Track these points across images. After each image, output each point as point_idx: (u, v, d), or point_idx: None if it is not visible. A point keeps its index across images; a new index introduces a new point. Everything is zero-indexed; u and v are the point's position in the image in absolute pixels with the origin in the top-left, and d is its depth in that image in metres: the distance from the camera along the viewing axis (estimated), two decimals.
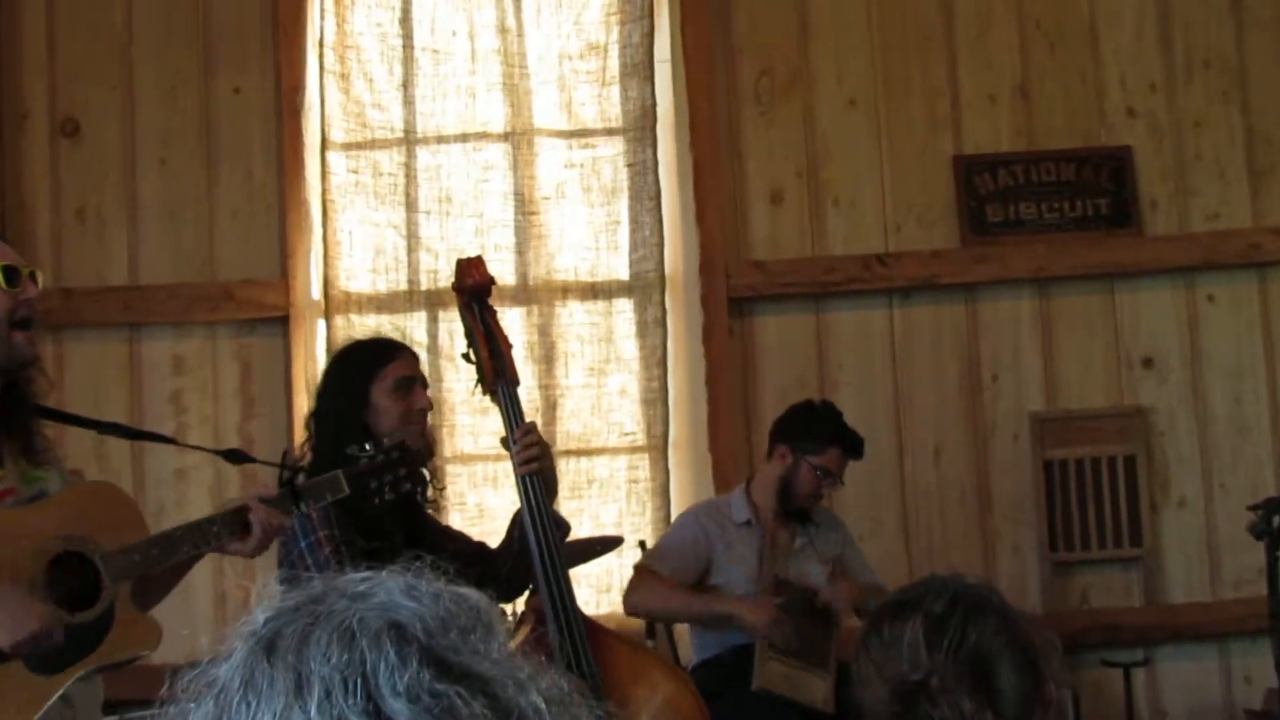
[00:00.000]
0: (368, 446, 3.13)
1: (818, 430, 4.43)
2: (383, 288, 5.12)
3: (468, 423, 5.09)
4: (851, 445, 4.44)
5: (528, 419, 3.59)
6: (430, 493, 3.54)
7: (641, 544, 4.71)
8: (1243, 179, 5.35)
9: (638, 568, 4.40)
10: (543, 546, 3.45)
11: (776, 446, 4.48)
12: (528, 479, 3.48)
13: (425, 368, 3.89)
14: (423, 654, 0.97)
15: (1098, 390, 5.27)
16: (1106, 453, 5.16)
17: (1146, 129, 5.36)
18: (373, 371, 3.49)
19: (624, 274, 5.17)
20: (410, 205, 5.13)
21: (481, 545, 3.69)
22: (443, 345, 5.09)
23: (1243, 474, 5.23)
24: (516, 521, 3.57)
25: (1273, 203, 5.35)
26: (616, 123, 5.21)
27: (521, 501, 3.50)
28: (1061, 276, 5.27)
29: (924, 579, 1.90)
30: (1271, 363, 5.30)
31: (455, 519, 4.87)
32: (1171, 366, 5.29)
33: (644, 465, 5.08)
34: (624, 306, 5.15)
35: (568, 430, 5.11)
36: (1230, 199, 5.33)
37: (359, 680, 0.96)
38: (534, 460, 3.48)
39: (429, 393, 3.66)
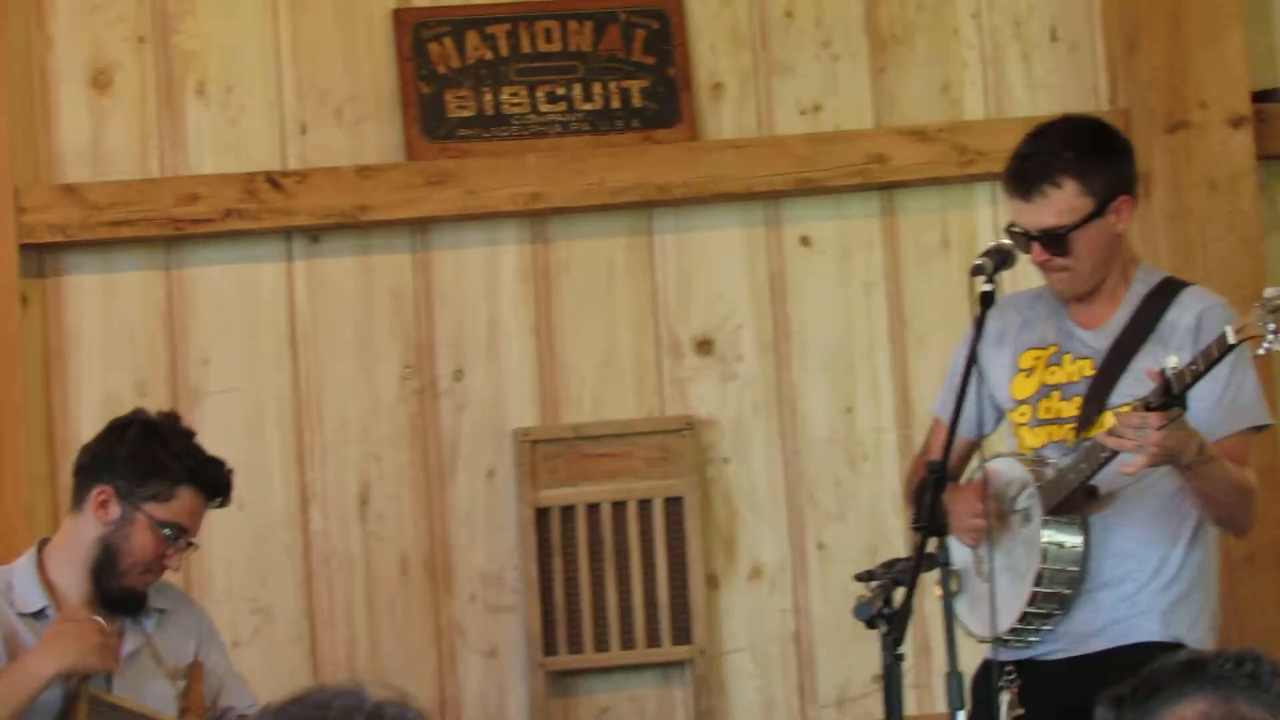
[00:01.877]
0: None
1: (161, 461, 3.85)
2: None
3: None
4: (214, 483, 3.90)
5: None
6: None
7: None
8: (861, 51, 4.85)
9: None
10: None
11: (91, 490, 3.86)
12: None
13: None
14: None
15: (623, 392, 4.81)
16: (636, 494, 4.68)
17: None
18: None
19: None
20: None
21: None
22: None
23: (852, 524, 4.74)
24: None
25: (907, 90, 4.81)
26: None
27: None
28: (567, 208, 4.76)
29: (303, 692, 1.69)
30: (899, 343, 4.78)
31: None
32: (741, 352, 4.81)
33: None
34: None
35: None
36: (839, 83, 4.85)
37: None
38: None
39: None
